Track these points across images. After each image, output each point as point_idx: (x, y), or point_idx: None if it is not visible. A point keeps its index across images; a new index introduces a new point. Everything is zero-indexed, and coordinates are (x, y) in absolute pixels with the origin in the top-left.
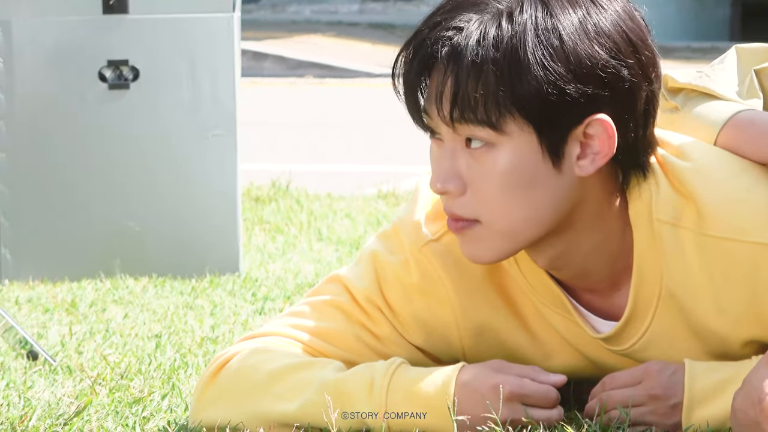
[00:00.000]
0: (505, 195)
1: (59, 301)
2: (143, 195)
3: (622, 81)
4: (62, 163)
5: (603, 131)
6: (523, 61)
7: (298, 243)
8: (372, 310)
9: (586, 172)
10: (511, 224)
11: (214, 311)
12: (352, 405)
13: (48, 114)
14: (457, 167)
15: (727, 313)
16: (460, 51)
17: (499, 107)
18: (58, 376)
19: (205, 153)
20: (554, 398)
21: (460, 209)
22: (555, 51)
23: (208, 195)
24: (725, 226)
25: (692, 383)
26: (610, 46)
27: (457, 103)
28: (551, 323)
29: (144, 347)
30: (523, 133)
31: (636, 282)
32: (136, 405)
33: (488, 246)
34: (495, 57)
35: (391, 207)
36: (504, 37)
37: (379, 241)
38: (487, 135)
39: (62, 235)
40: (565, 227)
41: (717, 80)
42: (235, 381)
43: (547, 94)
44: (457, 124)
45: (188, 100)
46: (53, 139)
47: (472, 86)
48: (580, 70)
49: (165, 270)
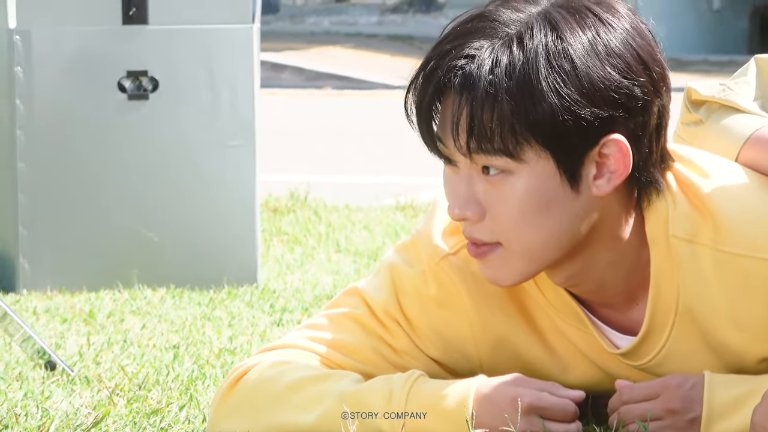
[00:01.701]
0: (525, 219)
1: (77, 311)
2: (161, 205)
3: (635, 100)
4: (81, 174)
5: (618, 150)
6: (537, 88)
7: (316, 254)
8: (390, 323)
9: (603, 191)
10: (531, 247)
11: (232, 322)
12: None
13: (67, 124)
14: (474, 193)
15: (743, 329)
16: (473, 81)
17: (516, 136)
18: (76, 386)
19: (224, 163)
20: (572, 412)
21: (479, 234)
22: (568, 76)
23: (227, 205)
24: (742, 242)
25: (711, 397)
26: (622, 67)
27: (473, 134)
28: (569, 338)
29: (162, 358)
30: (540, 159)
31: (653, 297)
32: (153, 416)
33: (509, 269)
34: (509, 86)
35: (409, 218)
36: (516, 64)
37: (398, 253)
38: (504, 163)
39: (80, 245)
40: (583, 246)
41: (740, 93)
42: (253, 392)
43: (563, 120)
44: (474, 154)
45: (207, 111)
46: (72, 149)
47: (488, 117)
48: (593, 93)
49: (183, 280)
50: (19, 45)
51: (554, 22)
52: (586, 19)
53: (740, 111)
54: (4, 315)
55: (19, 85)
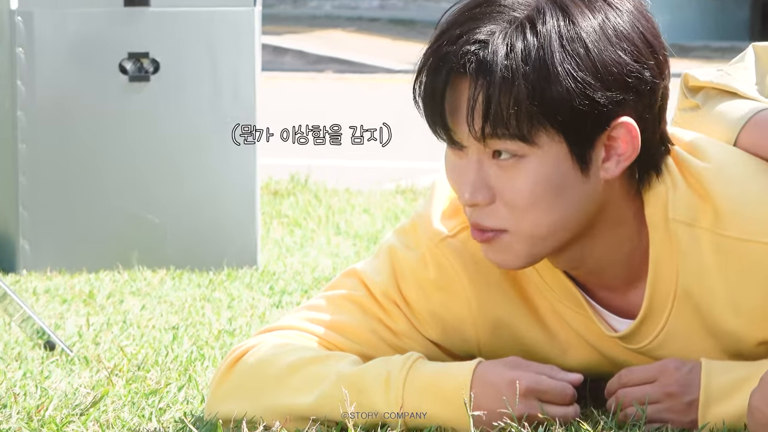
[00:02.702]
0: (536, 203)
1: (77, 292)
2: (162, 187)
3: (644, 83)
4: (81, 155)
5: (627, 133)
6: (553, 73)
7: (316, 237)
8: (388, 305)
9: (612, 174)
10: (539, 231)
11: (232, 304)
12: (369, 399)
13: (68, 105)
14: (484, 178)
15: (742, 313)
16: (490, 66)
17: (532, 120)
18: (75, 366)
19: (225, 146)
20: (570, 395)
21: (487, 220)
22: (582, 60)
23: (227, 188)
24: (742, 226)
25: (708, 380)
26: (632, 50)
27: (489, 119)
28: (567, 321)
29: (161, 339)
30: (553, 143)
31: (652, 281)
32: (152, 396)
33: (514, 254)
34: (525, 71)
35: (410, 202)
36: (532, 49)
37: (397, 236)
38: (518, 148)
39: (81, 227)
40: (587, 230)
41: (739, 78)
42: (251, 374)
43: (578, 103)
44: (488, 139)
45: (208, 94)
46: (73, 130)
47: (505, 101)
48: (607, 76)
49: (183, 262)
50: (20, 26)
51: (564, 7)
52: (594, 2)
53: (738, 96)
54: (4, 295)
55: (20, 67)
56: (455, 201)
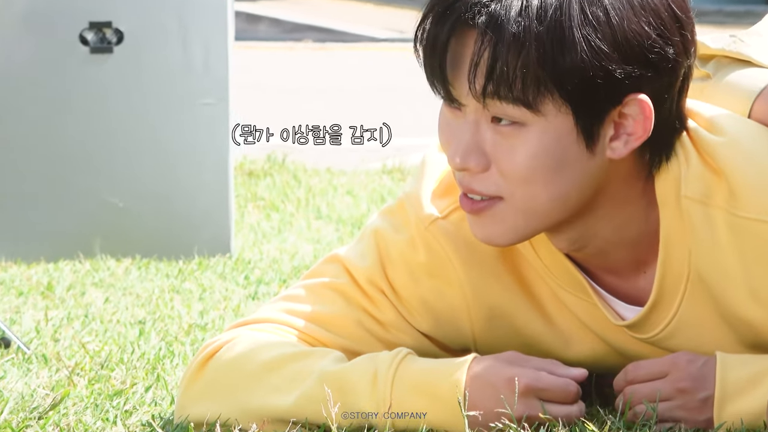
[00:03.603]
0: (534, 176)
1: (34, 284)
2: (127, 169)
3: (666, 60)
4: (39, 134)
5: (640, 112)
6: (568, 37)
7: (295, 221)
8: (374, 293)
9: (619, 154)
10: (536, 204)
11: (203, 296)
12: (354, 399)
13: (23, 80)
14: (480, 142)
15: (761, 301)
16: (501, 22)
17: (539, 86)
18: (33, 365)
19: (195, 123)
20: (574, 392)
21: (480, 185)
22: (601, 27)
23: (198, 169)
24: (759, 206)
25: (724, 375)
26: (657, 23)
27: (492, 79)
28: (570, 308)
29: (126, 334)
30: (560, 113)
31: (662, 263)
32: (117, 397)
33: (507, 227)
34: (538, 31)
35: (397, 183)
36: (548, 8)
37: (383, 217)
38: (520, 114)
39: (38, 212)
40: (589, 208)
41: (752, 45)
42: (225, 372)
43: (592, 74)
44: (489, 100)
45: (177, 66)
46: (29, 107)
47: (512, 62)
48: (626, 49)
49: (150, 250)
50: None
51: None
52: None
53: (752, 64)
54: None
55: None
56: (447, 179)
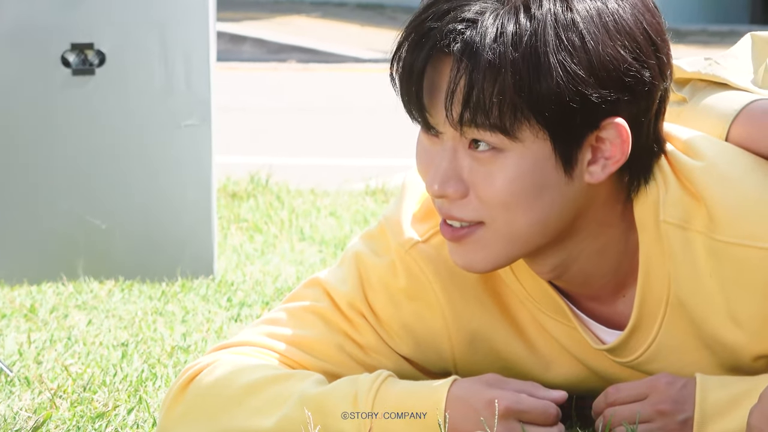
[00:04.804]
0: (512, 201)
1: (17, 306)
2: (109, 190)
3: (643, 83)
4: (20, 155)
5: (617, 135)
6: (544, 63)
7: (279, 243)
8: (355, 317)
9: (597, 178)
10: (516, 230)
11: (186, 318)
12: (334, 422)
13: (4, 102)
14: (457, 169)
15: (741, 324)
16: (476, 49)
17: (515, 112)
18: (15, 387)
19: (178, 144)
20: (554, 414)
21: (460, 212)
22: (577, 52)
23: (181, 190)
24: (738, 230)
25: (704, 396)
26: (633, 47)
27: (469, 106)
28: (550, 332)
29: (109, 357)
30: (537, 139)
31: (641, 287)
32: (99, 420)
33: (487, 252)
34: (514, 58)
35: (380, 204)
36: (523, 35)
37: (364, 241)
38: (497, 140)
39: (20, 234)
40: (569, 234)
41: (728, 67)
42: (206, 395)
43: (568, 99)
44: (466, 127)
45: (159, 87)
46: (10, 129)
47: (488, 89)
48: (602, 73)
49: (133, 272)
50: None
51: None
52: None
53: (729, 86)
54: None
55: None
56: (427, 203)
